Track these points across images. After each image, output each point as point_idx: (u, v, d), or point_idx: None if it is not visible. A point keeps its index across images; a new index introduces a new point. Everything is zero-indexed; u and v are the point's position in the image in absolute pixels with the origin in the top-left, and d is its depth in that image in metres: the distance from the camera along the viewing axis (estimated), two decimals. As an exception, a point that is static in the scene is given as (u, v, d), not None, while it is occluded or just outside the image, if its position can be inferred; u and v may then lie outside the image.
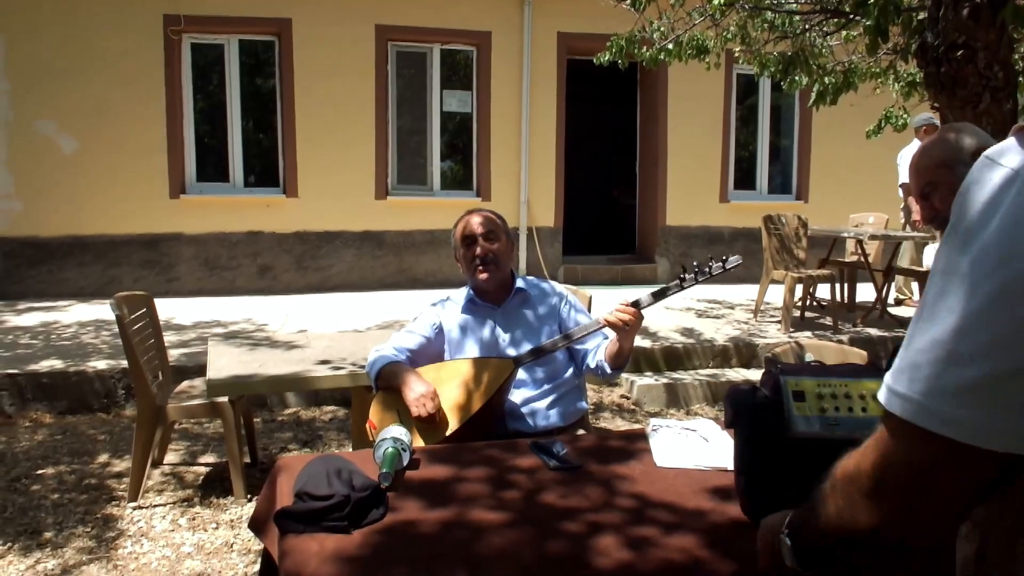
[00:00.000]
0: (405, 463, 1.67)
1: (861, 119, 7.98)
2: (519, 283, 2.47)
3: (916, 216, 5.22)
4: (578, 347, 2.41)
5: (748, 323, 6.35)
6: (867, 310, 6.54)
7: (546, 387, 2.36)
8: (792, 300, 6.13)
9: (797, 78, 5.64)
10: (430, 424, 2.12)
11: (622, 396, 5.07)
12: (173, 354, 4.95)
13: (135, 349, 3.16)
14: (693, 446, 1.87)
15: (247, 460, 3.77)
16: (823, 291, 7.02)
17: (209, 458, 3.87)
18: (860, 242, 6.31)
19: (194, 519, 3.18)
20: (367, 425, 2.25)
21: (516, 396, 2.33)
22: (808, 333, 5.97)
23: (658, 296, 2.20)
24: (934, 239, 6.53)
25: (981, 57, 3.20)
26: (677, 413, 4.88)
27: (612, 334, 2.27)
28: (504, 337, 2.40)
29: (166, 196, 7.41)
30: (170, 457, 3.83)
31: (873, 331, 6.10)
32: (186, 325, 6.03)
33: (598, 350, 2.38)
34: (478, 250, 2.38)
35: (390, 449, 1.64)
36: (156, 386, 3.44)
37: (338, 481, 1.44)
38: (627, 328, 2.14)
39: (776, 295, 6.88)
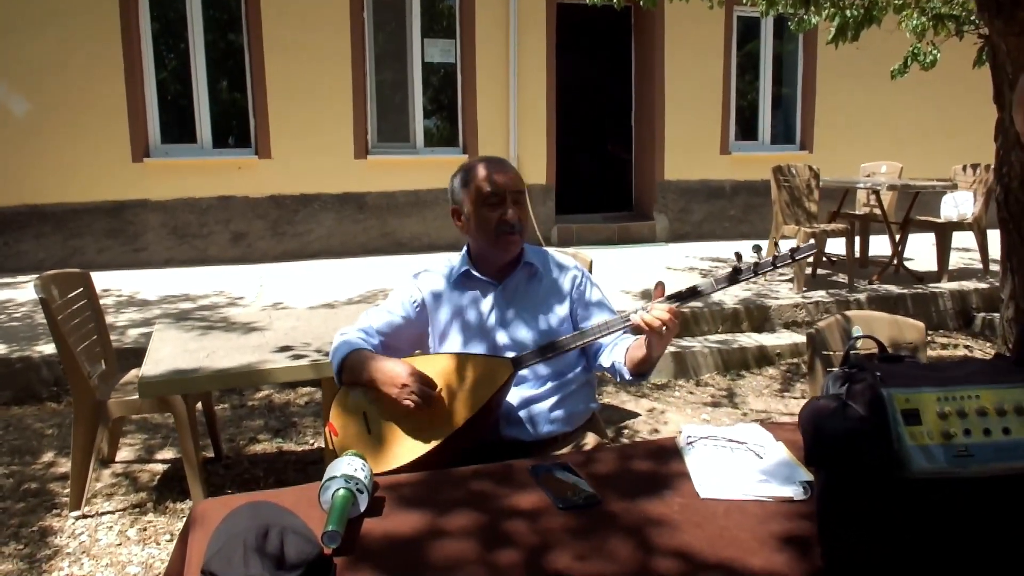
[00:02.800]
0: (363, 508, 1.24)
1: (868, 63, 7.50)
2: (528, 255, 1.99)
3: None
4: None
5: (757, 283, 5.93)
6: (884, 265, 6.13)
7: (550, 386, 1.91)
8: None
9: (806, 17, 5.15)
10: (414, 430, 1.68)
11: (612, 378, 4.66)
12: (132, 335, 4.52)
13: (66, 337, 2.71)
14: (743, 466, 1.44)
15: (210, 455, 3.36)
16: (832, 246, 6.60)
17: (168, 453, 3.45)
18: (877, 193, 5.87)
19: (145, 529, 2.78)
20: (327, 429, 1.81)
21: (514, 396, 1.89)
22: (822, 292, 5.56)
23: (700, 291, 1.70)
24: (954, 188, 6.10)
25: (1048, -28, 2.72)
26: (687, 384, 4.49)
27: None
28: (504, 321, 1.93)
29: (128, 160, 6.86)
30: (123, 453, 3.41)
31: (891, 287, 5.70)
32: (152, 300, 5.56)
33: (615, 347, 1.91)
34: (509, 213, 1.88)
35: (341, 492, 1.21)
36: (98, 377, 3.00)
37: (257, 557, 1.00)
38: (664, 332, 1.64)
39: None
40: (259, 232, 7.26)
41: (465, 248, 2.03)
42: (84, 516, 2.85)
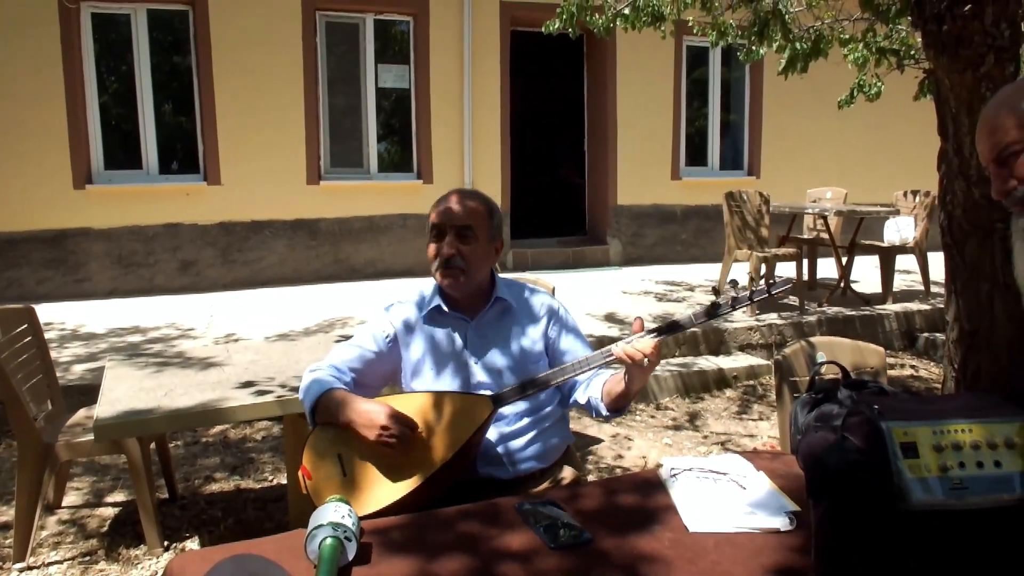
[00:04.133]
0: (351, 556, 1.20)
1: (813, 92, 7.77)
2: (500, 290, 1.95)
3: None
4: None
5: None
6: (832, 288, 6.30)
7: (526, 422, 1.89)
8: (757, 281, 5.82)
9: (755, 48, 5.29)
10: (392, 471, 1.63)
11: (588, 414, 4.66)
12: (78, 371, 4.34)
13: (10, 377, 2.58)
14: (727, 497, 1.45)
15: (164, 496, 3.23)
16: (782, 269, 6.76)
17: (119, 496, 3.30)
18: (825, 218, 6.05)
19: (97, 578, 2.65)
20: (300, 473, 1.74)
21: (491, 432, 1.85)
22: (774, 315, 5.68)
23: (673, 328, 1.69)
24: (896, 213, 6.32)
25: (989, 13, 2.85)
26: (648, 408, 4.51)
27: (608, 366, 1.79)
28: (476, 359, 1.90)
29: (70, 187, 6.64)
30: (70, 498, 3.25)
31: (840, 309, 5.86)
32: (98, 333, 5.36)
33: (590, 383, 1.89)
34: (445, 248, 1.85)
35: (328, 541, 1.16)
36: (44, 418, 2.86)
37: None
38: (645, 366, 1.63)
39: (737, 275, 6.58)
40: (208, 260, 7.08)
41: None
42: (29, 568, 2.70)
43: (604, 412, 1.83)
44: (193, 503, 3.22)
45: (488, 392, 1.82)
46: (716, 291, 1.67)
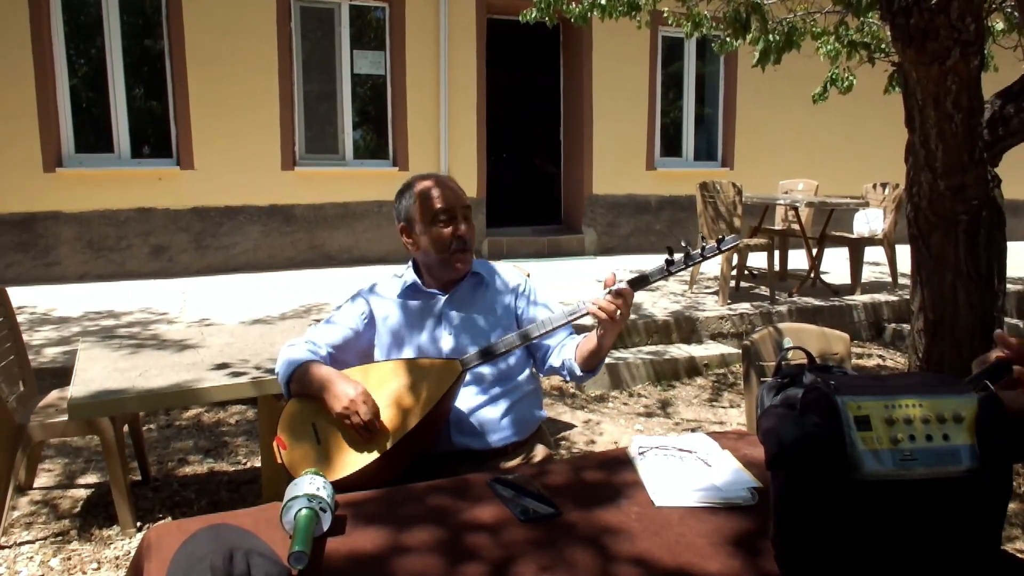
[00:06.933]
0: (326, 527, 1.23)
1: (786, 84, 7.87)
2: (474, 265, 2.03)
3: None
4: (537, 342, 2.00)
5: (685, 295, 6.11)
6: (802, 279, 6.41)
7: (497, 391, 1.94)
8: (729, 270, 5.91)
9: (729, 40, 5.34)
10: (363, 439, 1.68)
11: (562, 380, 4.71)
12: (50, 354, 4.30)
13: (-19, 358, 2.57)
14: (693, 474, 1.50)
15: (137, 478, 3.23)
16: (754, 260, 6.87)
17: (91, 478, 3.29)
18: (796, 210, 6.14)
19: (70, 558, 2.64)
20: (275, 443, 1.78)
21: (462, 403, 1.91)
22: (746, 304, 5.77)
23: (641, 283, 1.78)
24: (866, 205, 6.44)
25: (955, 7, 2.92)
26: (621, 395, 4.57)
27: (576, 328, 1.86)
28: (451, 331, 1.96)
29: (39, 170, 6.54)
30: (42, 479, 3.23)
31: (810, 300, 5.97)
32: (71, 317, 5.30)
33: (563, 347, 1.97)
34: (462, 228, 1.93)
35: (304, 512, 1.19)
36: (15, 399, 2.84)
37: (226, 583, 0.98)
38: (617, 318, 1.72)
39: (710, 265, 6.67)
40: (181, 245, 7.02)
41: (411, 262, 2.06)
42: (2, 547, 2.69)
43: (579, 372, 1.91)
44: (166, 485, 3.22)
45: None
46: (670, 250, 1.75)
